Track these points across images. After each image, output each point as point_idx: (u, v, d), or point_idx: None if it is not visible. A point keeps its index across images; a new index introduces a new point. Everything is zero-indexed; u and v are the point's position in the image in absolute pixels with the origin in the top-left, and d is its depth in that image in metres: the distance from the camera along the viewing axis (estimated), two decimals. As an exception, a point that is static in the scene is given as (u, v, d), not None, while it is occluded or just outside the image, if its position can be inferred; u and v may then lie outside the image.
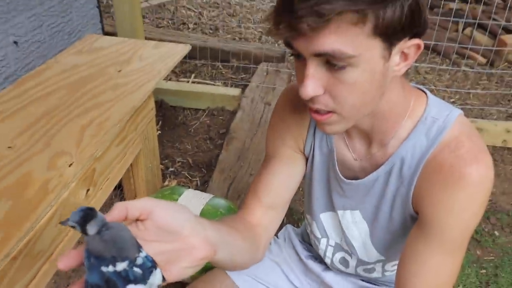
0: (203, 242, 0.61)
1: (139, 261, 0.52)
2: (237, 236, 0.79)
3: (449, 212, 0.74)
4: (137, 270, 0.51)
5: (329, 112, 0.69)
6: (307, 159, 0.94)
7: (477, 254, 1.88)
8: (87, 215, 0.51)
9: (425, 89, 0.83)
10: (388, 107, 0.75)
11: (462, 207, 0.74)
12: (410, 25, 0.64)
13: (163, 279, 0.54)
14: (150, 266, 0.52)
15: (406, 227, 0.85)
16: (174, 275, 0.57)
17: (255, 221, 0.88)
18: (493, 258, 1.87)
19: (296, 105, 0.91)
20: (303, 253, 1.17)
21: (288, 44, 0.67)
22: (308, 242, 1.18)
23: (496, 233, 1.99)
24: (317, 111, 0.71)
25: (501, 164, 2.43)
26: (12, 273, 0.94)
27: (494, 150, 2.52)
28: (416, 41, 0.68)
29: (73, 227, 0.52)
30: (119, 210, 0.56)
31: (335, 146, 0.88)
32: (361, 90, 0.67)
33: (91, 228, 0.51)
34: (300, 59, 0.68)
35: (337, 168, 0.88)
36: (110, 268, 0.50)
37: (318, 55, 0.63)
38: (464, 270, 1.80)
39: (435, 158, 0.76)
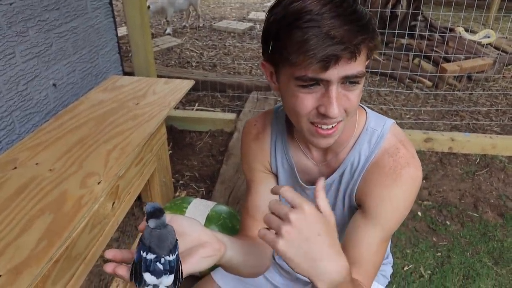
0: (213, 238, 0.61)
1: (162, 260, 0.53)
2: (244, 242, 0.77)
3: (389, 205, 0.74)
4: (158, 266, 0.53)
5: (335, 125, 0.68)
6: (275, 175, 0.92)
7: (433, 240, 1.89)
8: (153, 213, 0.55)
9: (361, 105, 0.83)
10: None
11: (398, 201, 0.74)
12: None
13: (174, 285, 0.54)
14: (169, 269, 0.54)
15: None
16: (192, 265, 0.57)
17: (255, 235, 0.85)
18: (446, 243, 1.88)
19: (256, 135, 0.89)
20: (276, 256, 1.12)
21: (306, 79, 0.62)
22: None
23: (448, 222, 2.00)
24: (323, 128, 0.68)
25: (449, 166, 2.45)
26: (55, 273, 0.95)
27: (442, 155, 2.54)
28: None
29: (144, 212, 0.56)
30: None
31: (295, 159, 0.86)
32: (358, 98, 0.68)
33: (151, 223, 0.55)
34: (312, 87, 0.63)
35: (300, 179, 0.86)
36: (144, 254, 0.53)
37: (346, 77, 0.62)
38: (424, 254, 1.81)
39: (378, 161, 0.76)
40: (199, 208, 1.44)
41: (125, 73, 2.30)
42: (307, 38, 0.59)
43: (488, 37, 4.54)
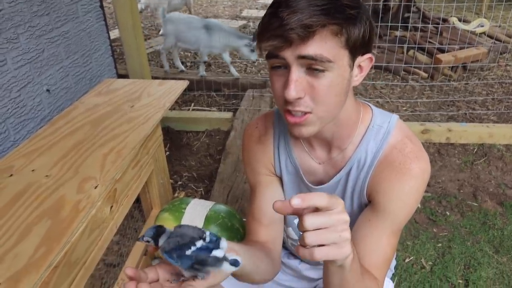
0: (229, 249, 0.59)
1: (207, 237, 0.55)
2: (255, 249, 0.78)
3: (399, 199, 0.75)
4: (209, 243, 0.54)
5: (306, 114, 0.67)
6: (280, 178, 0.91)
7: (434, 232, 1.90)
8: (158, 231, 0.54)
9: (366, 102, 0.83)
10: (346, 115, 0.75)
11: (408, 195, 0.75)
12: (367, 42, 0.66)
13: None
14: (216, 238, 0.55)
15: None
16: (210, 278, 0.57)
17: (263, 239, 0.86)
18: (446, 233, 1.89)
19: (258, 138, 0.89)
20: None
21: (271, 56, 0.65)
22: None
23: (447, 213, 2.01)
24: (294, 115, 0.68)
25: (447, 157, 2.46)
26: (55, 279, 0.95)
27: (440, 146, 2.55)
28: (369, 55, 0.69)
29: (147, 241, 0.55)
30: None
31: (299, 160, 0.85)
32: (334, 92, 0.66)
33: (161, 240, 0.54)
34: (279, 70, 0.66)
35: (305, 180, 0.86)
36: (192, 248, 0.53)
37: (303, 57, 0.62)
38: (424, 245, 1.82)
39: (386, 157, 0.76)
40: (197, 208, 1.44)
41: (119, 76, 2.30)
42: (267, 18, 0.63)
43: (482, 26, 4.54)
